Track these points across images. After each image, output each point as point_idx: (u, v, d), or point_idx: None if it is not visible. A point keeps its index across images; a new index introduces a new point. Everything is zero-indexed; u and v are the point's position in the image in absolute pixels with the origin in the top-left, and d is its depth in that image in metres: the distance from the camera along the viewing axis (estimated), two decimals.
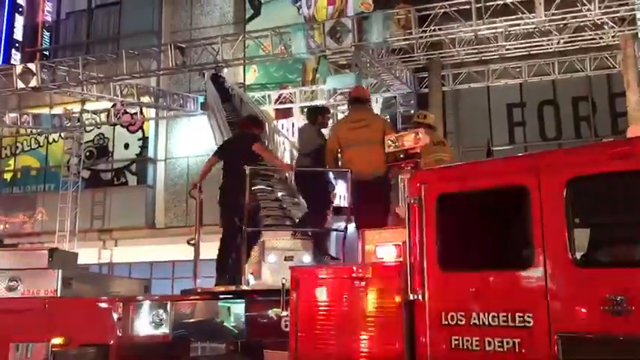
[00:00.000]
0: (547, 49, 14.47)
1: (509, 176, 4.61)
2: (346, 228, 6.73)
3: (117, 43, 22.98)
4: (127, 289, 8.43)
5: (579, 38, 13.82)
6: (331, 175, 7.43)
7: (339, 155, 7.11)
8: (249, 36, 14.15)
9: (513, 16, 12.07)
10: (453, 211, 4.87)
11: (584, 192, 4.34)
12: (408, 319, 4.90)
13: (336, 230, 6.92)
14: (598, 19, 12.32)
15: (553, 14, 11.50)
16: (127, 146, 22.78)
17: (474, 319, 4.57)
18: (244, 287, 6.67)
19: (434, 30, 12.42)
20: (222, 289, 6.88)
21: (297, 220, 8.42)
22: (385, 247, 5.17)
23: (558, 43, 13.77)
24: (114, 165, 22.90)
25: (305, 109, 18.50)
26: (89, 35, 25.07)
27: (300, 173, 7.62)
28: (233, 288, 6.88)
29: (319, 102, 13.85)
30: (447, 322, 4.70)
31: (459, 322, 4.64)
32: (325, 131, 7.81)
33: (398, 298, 4.95)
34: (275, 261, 6.83)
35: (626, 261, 4.11)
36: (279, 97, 19.17)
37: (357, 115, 7.14)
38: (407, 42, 12.90)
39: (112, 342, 6.52)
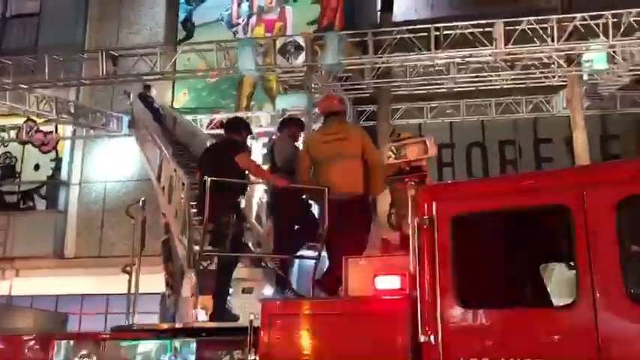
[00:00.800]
0: (493, 85, 14.39)
1: (547, 194, 3.87)
2: (319, 256, 5.79)
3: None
4: (41, 324, 6.98)
5: (527, 76, 13.81)
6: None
7: (312, 173, 6.20)
8: (192, 48, 13.05)
9: (471, 48, 11.80)
10: (474, 235, 4.08)
11: None
12: None
13: (309, 258, 5.95)
14: (547, 56, 12.29)
15: (511, 48, 11.30)
16: (37, 167, 20.80)
17: None
18: (195, 325, 5.53)
19: (389, 57, 11.92)
20: (165, 326, 5.69)
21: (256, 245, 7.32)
22: (387, 278, 4.27)
23: (506, 80, 13.66)
24: (21, 187, 20.79)
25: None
26: (1, 45, 23.00)
27: (275, 191, 6.58)
28: (179, 325, 5.71)
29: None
30: None
31: None
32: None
33: (404, 340, 4.05)
34: (231, 293, 5.78)
35: None
36: (211, 122, 18.04)
37: (333, 127, 6.28)
38: (360, 66, 12.30)
39: None
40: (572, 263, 3.74)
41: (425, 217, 4.15)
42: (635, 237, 3.68)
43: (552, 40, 11.15)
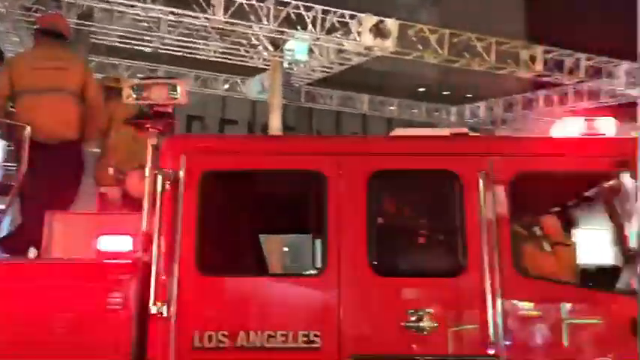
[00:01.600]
0: (199, 55, 14.11)
1: (304, 159, 3.69)
2: (5, 209, 4.62)
3: None
4: None
5: (233, 52, 13.89)
6: None
7: (10, 104, 4.94)
8: None
9: (189, 11, 11.23)
10: (224, 195, 3.68)
11: (389, 188, 3.75)
12: (138, 342, 3.42)
13: None
14: (256, 37, 12.53)
15: (228, 19, 11.10)
16: None
17: (242, 339, 3.44)
18: None
19: None
20: None
21: None
22: (114, 239, 3.56)
23: (215, 52, 13.52)
24: None
25: None
26: None
27: None
28: None
29: None
30: (201, 345, 3.43)
31: (220, 344, 3.43)
32: None
33: (128, 312, 3.43)
34: None
35: (430, 270, 3.64)
36: None
37: (50, 52, 5.08)
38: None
39: None
40: (321, 232, 3.63)
41: (169, 171, 3.59)
42: (383, 210, 3.76)
43: (267, 21, 11.35)
